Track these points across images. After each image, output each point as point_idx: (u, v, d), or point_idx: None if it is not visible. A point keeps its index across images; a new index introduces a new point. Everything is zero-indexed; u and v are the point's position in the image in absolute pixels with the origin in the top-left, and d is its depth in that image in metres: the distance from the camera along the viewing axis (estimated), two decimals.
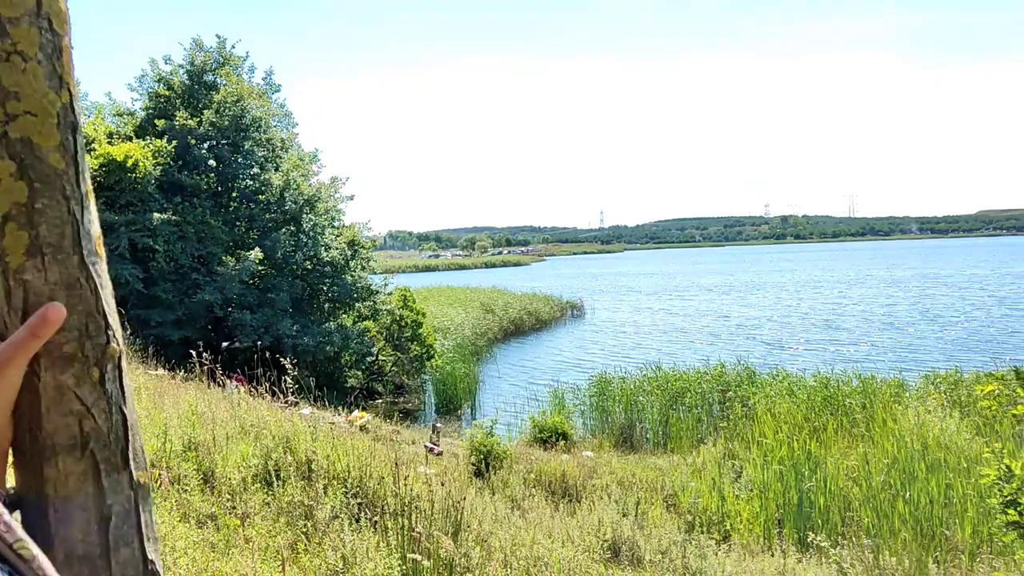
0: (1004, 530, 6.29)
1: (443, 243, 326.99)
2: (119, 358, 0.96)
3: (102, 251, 0.98)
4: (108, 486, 0.95)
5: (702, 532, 11.28)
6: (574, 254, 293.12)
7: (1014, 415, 6.66)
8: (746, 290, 76.15)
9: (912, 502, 11.49)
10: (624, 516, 10.67)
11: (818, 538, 9.26)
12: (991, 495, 6.49)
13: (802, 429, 16.65)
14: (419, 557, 4.98)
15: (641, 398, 21.63)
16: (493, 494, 12.01)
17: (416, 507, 6.57)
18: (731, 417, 19.10)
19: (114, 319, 0.97)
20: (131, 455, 0.98)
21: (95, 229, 0.96)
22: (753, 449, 15.60)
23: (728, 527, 12.19)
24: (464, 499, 6.30)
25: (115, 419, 0.96)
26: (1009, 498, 6.17)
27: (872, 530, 11.00)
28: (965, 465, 12.01)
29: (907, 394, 18.51)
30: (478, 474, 13.62)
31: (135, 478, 0.98)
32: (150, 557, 0.98)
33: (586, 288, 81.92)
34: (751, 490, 13.38)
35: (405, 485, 6.69)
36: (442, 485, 6.72)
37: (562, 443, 18.00)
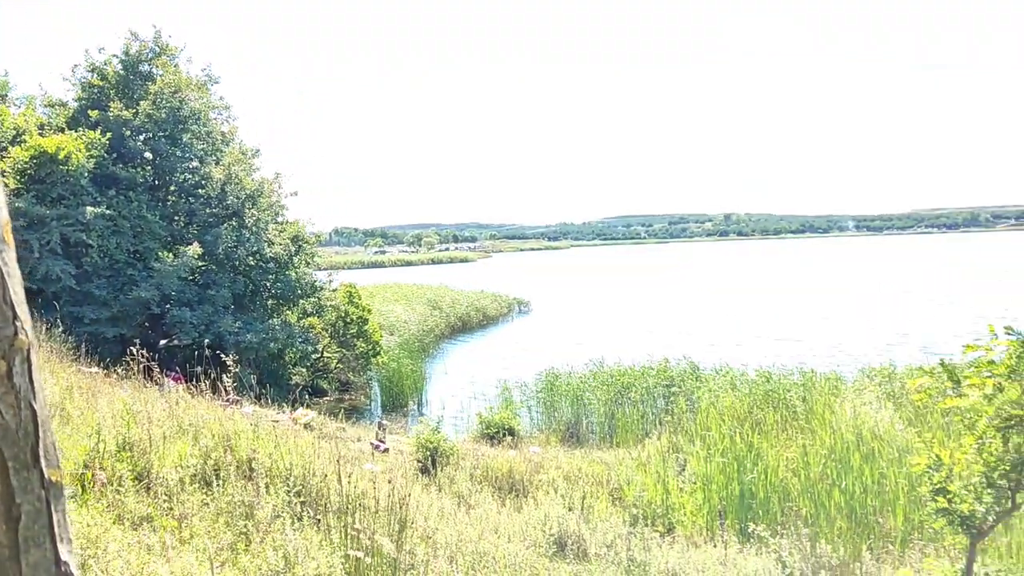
0: (934, 517, 6.49)
1: (389, 239, 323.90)
2: (28, 351, 0.92)
3: (10, 238, 0.93)
4: (17, 484, 0.90)
5: (647, 525, 11.41)
6: (521, 250, 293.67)
7: (943, 406, 6.88)
8: (688, 287, 77.46)
9: (847, 491, 11.79)
10: (570, 510, 10.72)
11: (759, 528, 9.43)
12: (922, 483, 6.68)
13: (744, 422, 16.93)
14: (362, 555, 4.93)
15: (587, 393, 21.78)
16: (440, 491, 11.97)
17: (361, 505, 6.50)
18: (675, 411, 19.34)
19: (22, 310, 0.92)
20: (42, 452, 0.93)
21: (2, 215, 0.92)
22: (697, 442, 15.82)
23: (672, 519, 12.35)
24: (409, 496, 6.26)
25: (24, 415, 0.91)
26: (938, 486, 6.36)
27: (810, 519, 11.26)
28: (897, 455, 12.36)
29: (844, 388, 18.97)
30: (424, 471, 13.56)
31: (46, 476, 0.94)
32: (63, 558, 0.94)
33: (533, 284, 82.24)
34: (695, 483, 13.57)
35: (349, 483, 6.62)
36: (388, 482, 6.67)
37: (509, 439, 18.02)
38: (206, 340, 19.51)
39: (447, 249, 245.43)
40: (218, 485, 6.48)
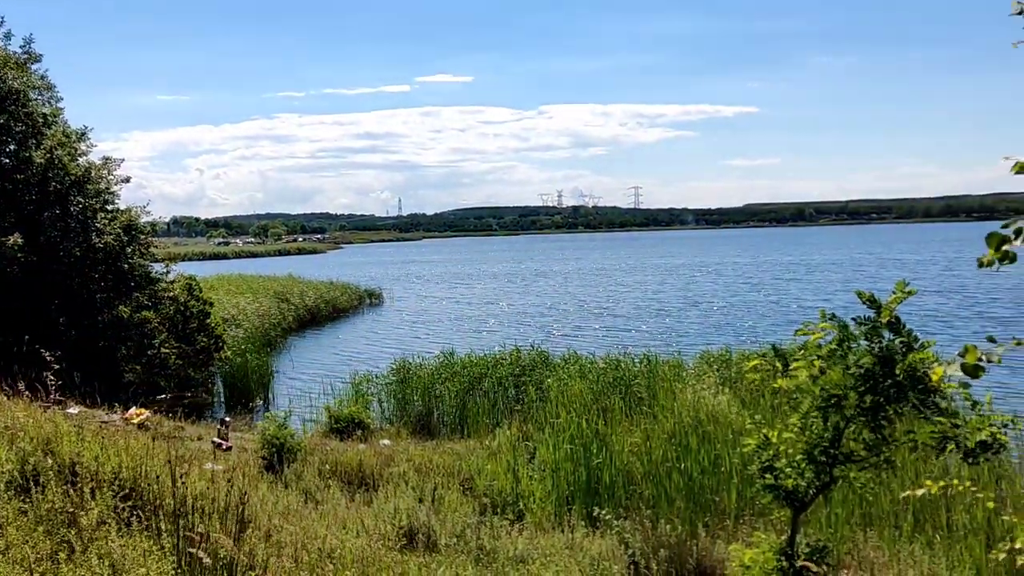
0: (762, 493, 6.91)
1: (233, 230, 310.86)
2: None
3: None
4: None
5: (497, 513, 11.54)
6: (372, 242, 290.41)
7: (773, 388, 7.34)
8: (534, 278, 79.40)
9: (686, 473, 12.38)
10: (421, 502, 10.68)
11: (603, 512, 9.75)
12: (752, 462, 7.09)
13: (591, 409, 17.45)
14: (202, 554, 4.68)
15: (439, 385, 21.75)
16: (286, 488, 11.62)
17: (198, 506, 6.18)
18: (526, 400, 19.67)
19: None
20: None
21: None
22: (546, 430, 16.14)
23: (522, 507, 12.54)
24: (246, 494, 6.00)
25: None
26: (766, 464, 6.79)
27: (652, 501, 11.74)
28: (731, 436, 13.10)
29: (685, 373, 19.91)
30: (270, 468, 13.12)
31: None
32: None
33: (384, 276, 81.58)
34: (544, 470, 13.85)
35: (184, 484, 6.28)
36: (227, 481, 6.38)
37: (359, 432, 17.74)
38: (27, 336, 18.03)
39: (295, 240, 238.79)
40: (37, 491, 5.98)
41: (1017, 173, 2.88)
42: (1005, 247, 2.72)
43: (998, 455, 6.49)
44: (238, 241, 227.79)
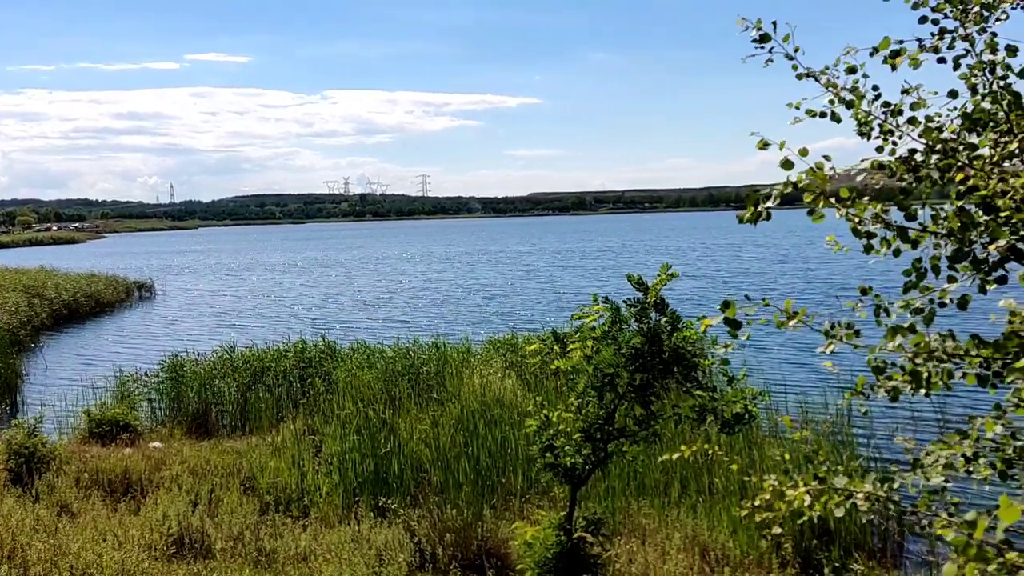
0: (543, 471, 7.12)
1: None
2: None
3: None
4: None
5: (280, 511, 11.10)
6: (141, 231, 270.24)
7: (552, 369, 7.58)
8: (312, 268, 77.67)
9: (473, 457, 12.55)
10: (195, 506, 10.02)
11: (390, 501, 9.64)
12: (534, 442, 7.28)
13: (380, 398, 17.25)
14: None
15: (218, 381, 20.55)
16: (36, 501, 10.47)
17: None
18: (311, 393, 19.07)
19: None
20: None
21: None
22: (333, 422, 15.73)
23: (307, 502, 12.15)
24: None
25: None
26: (547, 443, 6.99)
27: (440, 488, 11.78)
28: (517, 419, 13.45)
29: (473, 359, 20.19)
30: (17, 480, 11.76)
31: None
32: None
33: (150, 268, 76.18)
34: (331, 463, 13.49)
35: None
36: None
37: (125, 436, 16.36)
38: None
39: (49, 229, 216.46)
40: None
41: (761, 148, 3.19)
42: (760, 207, 3.10)
43: (749, 425, 7.13)
44: None
